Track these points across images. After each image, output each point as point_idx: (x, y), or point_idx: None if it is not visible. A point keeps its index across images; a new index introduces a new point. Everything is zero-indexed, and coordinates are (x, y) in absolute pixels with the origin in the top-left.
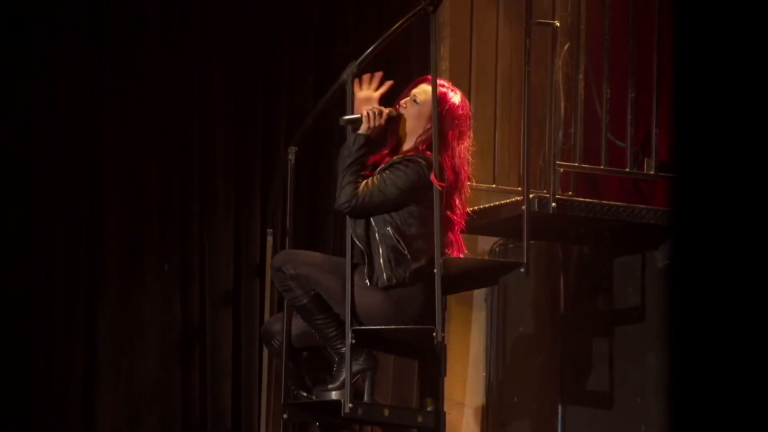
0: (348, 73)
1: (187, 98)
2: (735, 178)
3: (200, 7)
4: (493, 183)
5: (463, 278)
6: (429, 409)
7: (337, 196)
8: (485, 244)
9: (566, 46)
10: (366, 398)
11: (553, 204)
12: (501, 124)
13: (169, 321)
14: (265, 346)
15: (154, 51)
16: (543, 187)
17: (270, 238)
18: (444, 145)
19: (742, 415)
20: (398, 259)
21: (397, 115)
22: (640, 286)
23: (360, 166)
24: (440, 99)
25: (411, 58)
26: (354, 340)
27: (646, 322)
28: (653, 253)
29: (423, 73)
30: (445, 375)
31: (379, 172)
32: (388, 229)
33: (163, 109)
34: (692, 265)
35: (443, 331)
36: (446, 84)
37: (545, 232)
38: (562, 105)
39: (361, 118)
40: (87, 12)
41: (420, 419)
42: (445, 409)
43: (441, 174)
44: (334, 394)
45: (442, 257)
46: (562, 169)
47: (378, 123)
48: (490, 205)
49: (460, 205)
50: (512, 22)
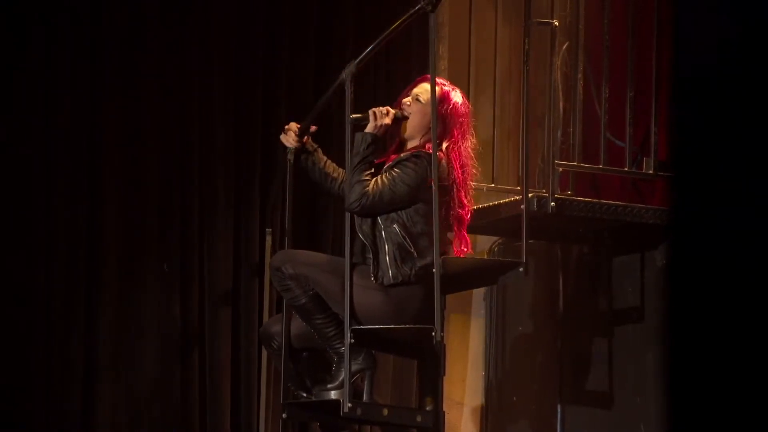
0: (347, 73)
1: (187, 98)
2: (734, 178)
3: (200, 7)
4: (492, 182)
5: (462, 278)
6: (428, 409)
7: (347, 195)
8: (484, 244)
9: (565, 46)
10: (365, 398)
11: (552, 203)
12: (500, 124)
13: (168, 321)
14: (264, 348)
15: (154, 51)
16: (542, 186)
17: (269, 238)
18: (452, 143)
19: (742, 414)
20: (404, 256)
21: (403, 117)
22: (640, 286)
23: (368, 165)
24: (444, 98)
25: (411, 57)
26: (353, 340)
27: (646, 322)
28: (652, 253)
29: (423, 73)
30: (444, 374)
31: (386, 169)
32: (394, 226)
33: (163, 109)
34: (691, 264)
35: (442, 330)
36: (446, 83)
37: (544, 232)
38: (561, 104)
39: (367, 116)
40: (87, 12)
41: (419, 419)
42: (445, 409)
43: (449, 171)
44: (333, 394)
45: (441, 257)
46: (561, 169)
47: (384, 121)
48: (489, 205)
49: (468, 202)
50: (511, 21)
